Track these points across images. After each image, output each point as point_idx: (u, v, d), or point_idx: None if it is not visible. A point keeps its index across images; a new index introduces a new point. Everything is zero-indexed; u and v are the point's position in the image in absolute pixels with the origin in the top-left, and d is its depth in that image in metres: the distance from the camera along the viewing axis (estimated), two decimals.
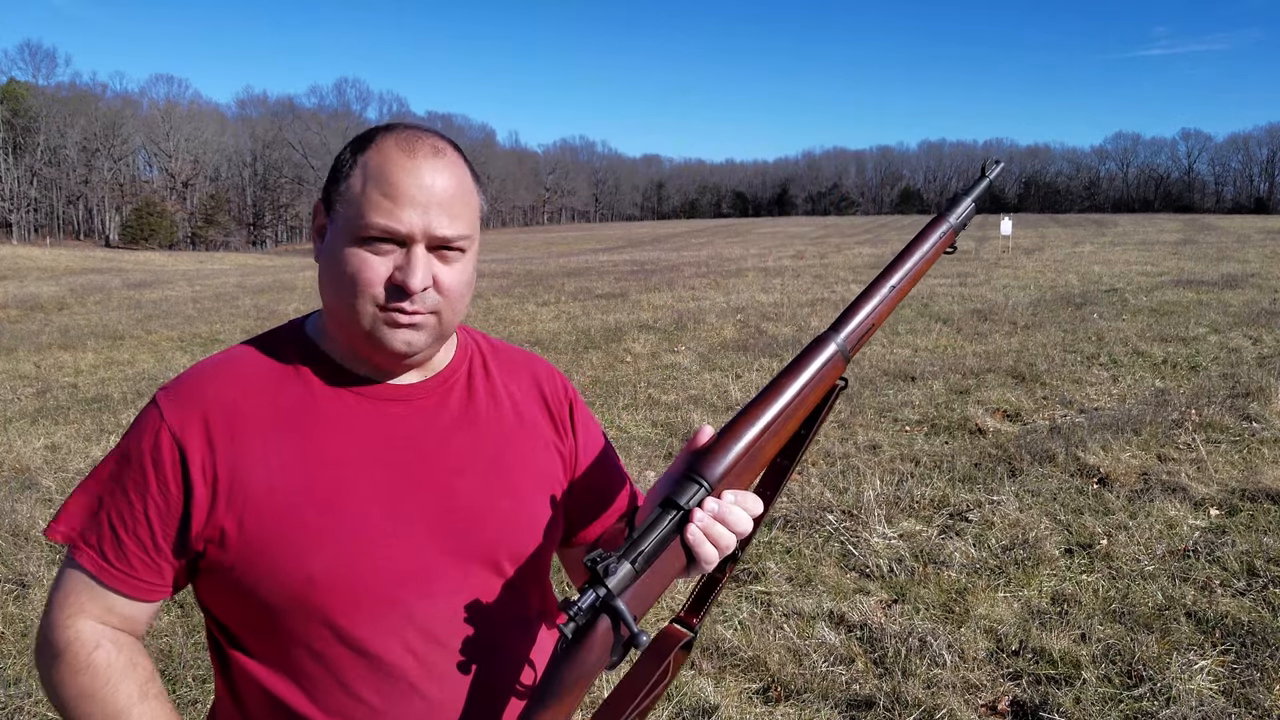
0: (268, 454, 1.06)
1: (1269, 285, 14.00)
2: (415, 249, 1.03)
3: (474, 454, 1.14)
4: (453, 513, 1.11)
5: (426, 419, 1.13)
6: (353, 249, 1.03)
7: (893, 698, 2.97)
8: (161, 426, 1.06)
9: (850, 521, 4.41)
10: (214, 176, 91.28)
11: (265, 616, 1.06)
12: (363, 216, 1.02)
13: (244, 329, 12.28)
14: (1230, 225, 43.04)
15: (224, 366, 1.11)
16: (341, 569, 1.05)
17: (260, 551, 1.04)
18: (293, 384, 1.10)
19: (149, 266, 30.77)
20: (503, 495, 1.15)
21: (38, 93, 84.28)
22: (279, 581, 1.04)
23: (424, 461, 1.11)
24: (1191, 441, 5.55)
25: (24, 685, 3.08)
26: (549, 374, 1.29)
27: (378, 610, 1.06)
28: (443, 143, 1.09)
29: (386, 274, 1.03)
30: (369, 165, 1.04)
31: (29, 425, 6.84)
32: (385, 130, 1.08)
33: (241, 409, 1.07)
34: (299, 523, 1.04)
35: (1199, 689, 2.95)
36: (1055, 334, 9.88)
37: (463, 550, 1.11)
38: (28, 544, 4.28)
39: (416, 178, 1.03)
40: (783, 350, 9.26)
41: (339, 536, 1.05)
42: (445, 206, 1.04)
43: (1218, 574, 3.81)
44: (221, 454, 1.05)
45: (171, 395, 1.09)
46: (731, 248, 34.07)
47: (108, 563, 1.06)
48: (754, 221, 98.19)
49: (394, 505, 1.08)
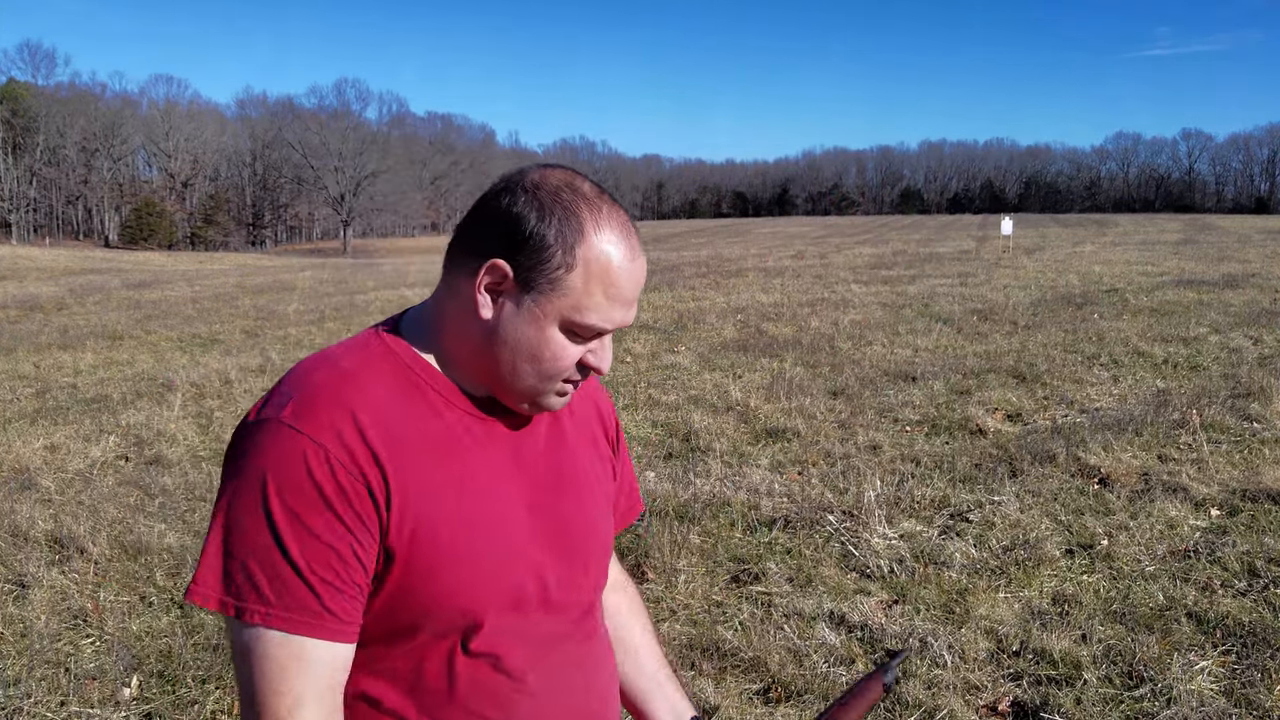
0: (421, 476, 1.03)
1: (1270, 285, 13.99)
2: (608, 337, 1.08)
3: (568, 473, 1.18)
4: (560, 533, 1.14)
5: (528, 439, 1.15)
6: (555, 333, 1.04)
7: (893, 698, 2.97)
8: (323, 452, 0.97)
9: (851, 522, 4.41)
10: (213, 176, 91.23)
11: (399, 633, 1.05)
12: (582, 314, 1.03)
13: (243, 329, 12.28)
14: (1231, 225, 43.05)
15: (351, 382, 1.03)
16: (491, 590, 1.06)
17: (421, 573, 1.02)
18: (421, 403, 1.07)
19: (148, 267, 30.77)
20: (592, 514, 1.20)
21: (37, 93, 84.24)
22: (431, 602, 1.03)
23: (531, 482, 1.13)
24: (1192, 442, 5.55)
25: (24, 686, 3.08)
26: (603, 394, 1.33)
27: (512, 629, 1.08)
28: (631, 218, 1.10)
29: (579, 356, 1.07)
30: (592, 262, 1.02)
31: (28, 425, 6.84)
32: (590, 207, 1.04)
33: (389, 428, 1.01)
34: (462, 549, 1.04)
35: (1200, 689, 2.95)
36: (1056, 334, 9.87)
37: (573, 569, 1.16)
38: (27, 544, 4.28)
39: (634, 281, 1.06)
40: (783, 350, 9.25)
41: (488, 559, 1.06)
42: (639, 295, 1.09)
43: (1218, 574, 3.80)
44: (391, 473, 1.00)
45: (312, 418, 0.98)
46: (732, 248, 34.07)
47: (340, 621, 0.98)
48: (754, 221, 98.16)
49: (525, 529, 1.10)
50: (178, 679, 3.16)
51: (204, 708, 3.00)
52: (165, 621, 3.59)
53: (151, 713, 2.99)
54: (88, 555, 4.16)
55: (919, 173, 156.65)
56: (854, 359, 8.80)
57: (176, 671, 3.19)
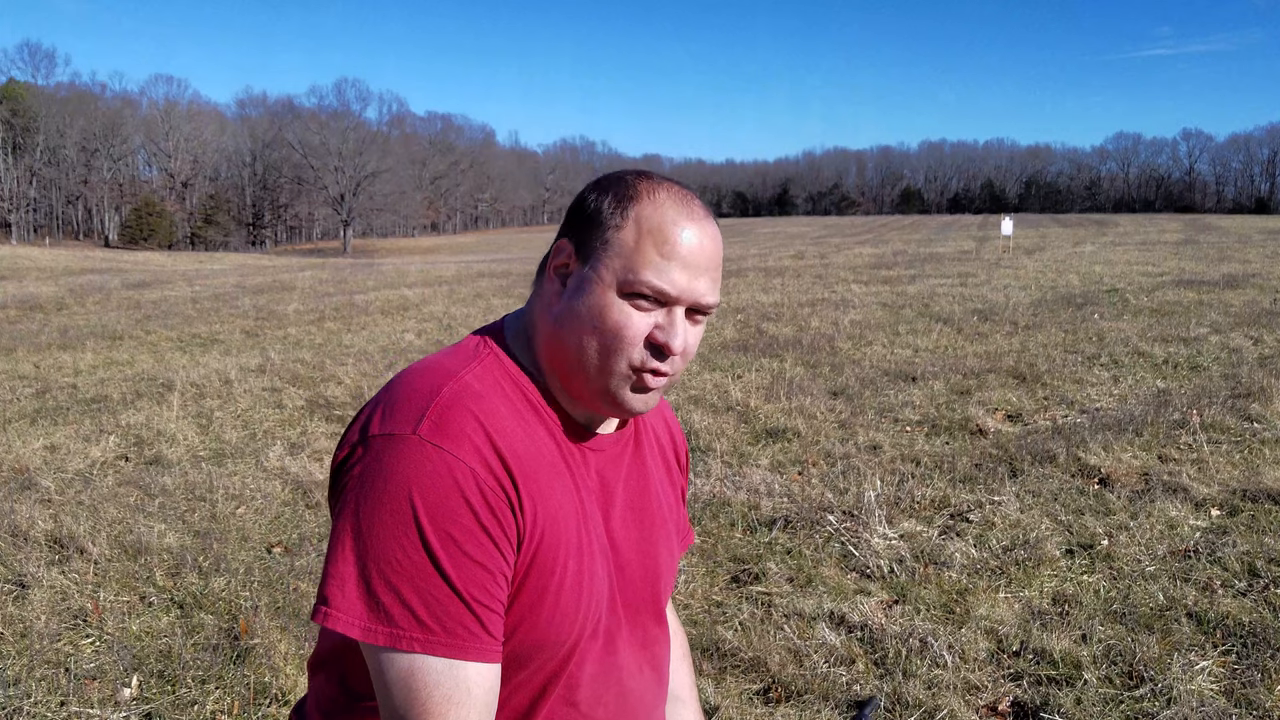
0: (547, 502, 1.01)
1: (1270, 285, 13.99)
2: (677, 311, 1.02)
3: (643, 505, 1.16)
4: (633, 565, 1.13)
5: (614, 471, 1.13)
6: (619, 301, 1.01)
7: (893, 698, 2.97)
8: (471, 471, 0.94)
9: (851, 522, 4.40)
10: (213, 176, 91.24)
11: (509, 667, 1.03)
12: (636, 271, 1.00)
13: (243, 329, 12.27)
14: (1231, 225, 43.04)
15: (480, 400, 1.01)
16: (588, 627, 1.05)
17: (536, 603, 1.00)
18: (539, 428, 1.05)
19: (148, 267, 30.76)
20: (661, 544, 1.19)
21: (37, 92, 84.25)
22: (541, 634, 1.02)
23: (613, 517, 1.12)
24: (1193, 442, 5.54)
25: (23, 686, 3.08)
26: (674, 418, 1.32)
27: (594, 665, 1.07)
28: (706, 204, 1.08)
29: (647, 331, 1.02)
30: (644, 219, 1.01)
31: (28, 425, 6.84)
32: (647, 180, 1.05)
33: (516, 450, 0.99)
34: (568, 578, 1.02)
35: (1200, 689, 2.95)
36: (1056, 334, 9.87)
37: (643, 601, 1.14)
38: (27, 544, 4.28)
39: (695, 240, 1.02)
40: (783, 350, 9.25)
41: (589, 595, 1.04)
42: (710, 272, 1.03)
43: (1219, 574, 3.80)
44: (525, 494, 0.98)
45: (452, 434, 0.96)
46: (732, 248, 34.06)
47: (497, 642, 0.97)
48: (754, 221, 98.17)
49: (606, 561, 1.09)
50: (178, 679, 3.16)
51: (204, 708, 3.00)
52: (165, 621, 3.59)
53: (151, 713, 2.99)
54: (87, 555, 4.16)
55: (919, 173, 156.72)
56: (854, 359, 8.80)
57: (176, 671, 3.19)
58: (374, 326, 12.43)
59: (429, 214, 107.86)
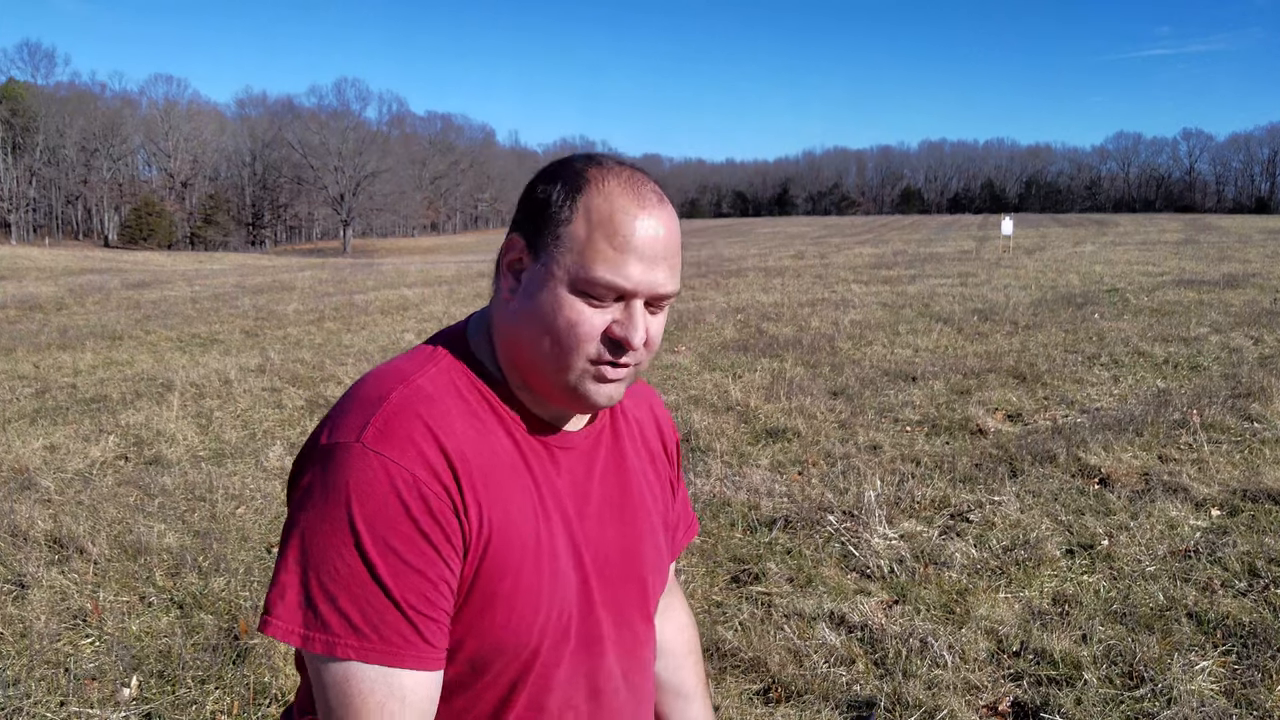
0: (498, 504, 0.99)
1: (1270, 285, 13.98)
2: (635, 304, 0.99)
3: (623, 502, 1.13)
4: (612, 564, 1.10)
5: (587, 467, 1.10)
6: (570, 298, 0.98)
7: (893, 699, 2.97)
8: (413, 478, 0.93)
9: (851, 522, 4.40)
10: (213, 176, 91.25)
11: (465, 673, 1.02)
12: (588, 267, 0.96)
13: (243, 329, 12.27)
14: (1231, 225, 43.04)
15: (429, 403, 0.99)
16: (551, 629, 1.03)
17: (488, 607, 0.99)
18: (497, 429, 1.03)
19: (148, 266, 30.77)
20: (646, 541, 1.15)
21: (36, 92, 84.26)
22: (496, 638, 1.00)
23: (588, 513, 1.09)
24: (1193, 442, 5.54)
25: (23, 686, 3.07)
26: (663, 410, 1.28)
27: (563, 669, 1.05)
28: (659, 187, 1.03)
29: (603, 326, 0.99)
30: (593, 211, 0.97)
31: (28, 425, 6.83)
32: (597, 167, 1.02)
33: (466, 453, 0.98)
34: (523, 581, 1.00)
35: (1200, 690, 2.94)
36: (1056, 334, 9.87)
37: (622, 601, 1.11)
38: (27, 544, 4.27)
39: (647, 231, 0.97)
40: (783, 350, 9.25)
41: (551, 596, 1.02)
42: (667, 260, 1.00)
43: (1219, 574, 3.80)
44: (470, 499, 0.96)
45: (396, 441, 0.95)
46: (732, 247, 34.07)
47: (435, 649, 0.96)
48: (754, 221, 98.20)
49: (578, 561, 1.06)
50: (177, 679, 3.16)
51: (203, 708, 3.00)
52: (165, 621, 3.59)
53: (151, 713, 2.99)
54: (87, 555, 4.16)
55: (919, 173, 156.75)
56: (854, 359, 8.80)
57: (176, 671, 3.19)
58: (374, 326, 12.43)
59: (429, 214, 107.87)
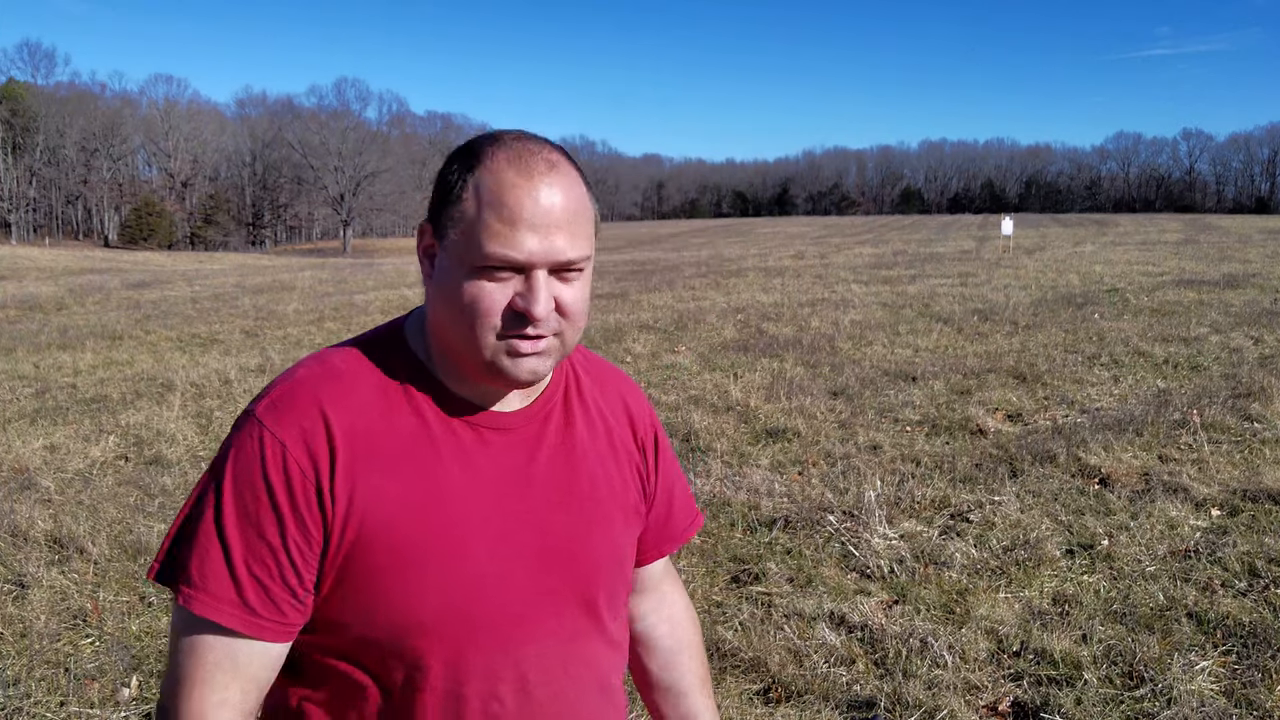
0: (384, 482, 0.99)
1: (1270, 285, 13.99)
2: (536, 274, 0.98)
3: (570, 487, 1.10)
4: (550, 551, 1.07)
5: (528, 450, 1.08)
6: (470, 278, 0.98)
7: (894, 699, 2.97)
8: (283, 450, 0.97)
9: (851, 522, 4.40)
10: (213, 176, 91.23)
11: (357, 650, 1.02)
12: (480, 246, 0.96)
13: (243, 329, 12.27)
14: (1231, 225, 43.03)
15: (334, 383, 1.03)
16: (446, 611, 1.01)
17: (367, 585, 0.99)
18: (404, 407, 1.04)
19: (148, 266, 30.77)
20: (597, 529, 1.12)
21: (37, 92, 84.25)
22: (382, 617, 1.00)
23: (524, 496, 1.07)
24: (1193, 442, 5.54)
25: (23, 686, 3.07)
26: (638, 399, 1.25)
27: (472, 654, 1.03)
28: (555, 154, 1.01)
29: (506, 301, 0.98)
30: (482, 187, 0.97)
31: (28, 425, 6.84)
32: (492, 143, 1.01)
33: (358, 430, 1.00)
34: (410, 559, 0.99)
35: (1200, 690, 2.94)
36: (1056, 334, 9.87)
37: (559, 589, 1.08)
38: (27, 544, 4.27)
39: (535, 201, 0.96)
40: (783, 350, 9.25)
41: (448, 577, 1.01)
42: (565, 228, 0.98)
43: (1219, 574, 3.80)
44: (341, 478, 0.98)
45: (283, 414, 0.99)
46: (732, 248, 34.07)
47: (255, 614, 0.97)
48: (754, 221, 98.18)
49: (499, 544, 1.04)
50: None
51: None
52: (165, 621, 3.58)
53: (151, 713, 2.99)
54: (87, 555, 4.16)
55: (919, 173, 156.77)
56: (854, 359, 8.80)
57: None
58: (373, 327, 12.43)
59: None
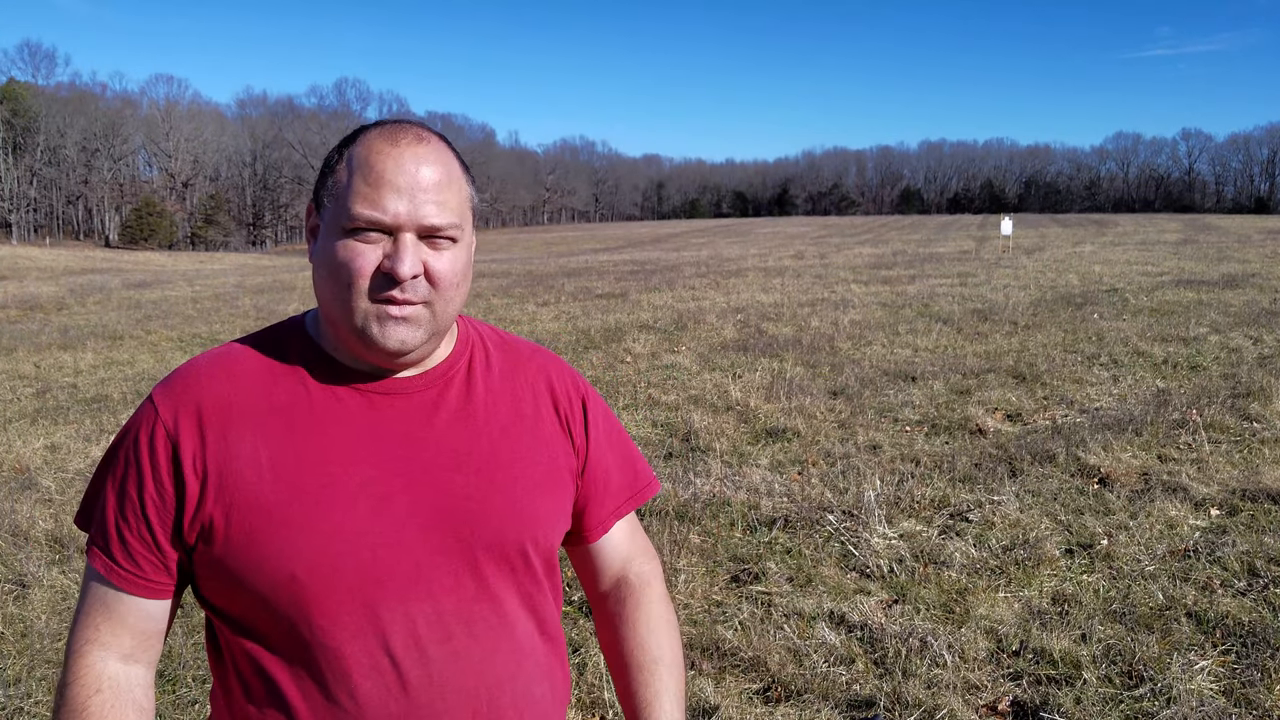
0: (257, 448, 1.05)
1: (1269, 285, 13.99)
2: (403, 237, 1.03)
3: (471, 450, 1.12)
4: (446, 511, 1.09)
5: (424, 414, 1.12)
6: (341, 241, 1.04)
7: (893, 698, 2.97)
8: (156, 421, 1.07)
9: (851, 522, 4.41)
10: (214, 176, 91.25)
11: (256, 610, 1.06)
12: (349, 208, 1.03)
13: (243, 329, 12.28)
14: (1231, 225, 43.05)
15: (218, 362, 1.12)
16: (324, 567, 1.04)
17: (245, 546, 1.04)
18: (288, 379, 1.10)
19: (148, 267, 30.77)
20: (500, 492, 1.13)
21: (37, 93, 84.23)
22: (264, 577, 1.04)
23: (418, 458, 1.10)
24: (1192, 441, 5.55)
25: (24, 686, 3.08)
26: (559, 369, 1.27)
27: (358, 611, 1.05)
28: (427, 132, 1.09)
29: (375, 263, 1.03)
30: (354, 157, 1.05)
31: (28, 425, 6.84)
32: (372, 125, 1.10)
33: (233, 402, 1.07)
34: (283, 519, 1.04)
35: (1199, 689, 2.95)
36: (1056, 334, 9.87)
37: (455, 549, 1.09)
38: (27, 544, 4.28)
39: (400, 165, 1.04)
40: (783, 350, 9.25)
41: (323, 534, 1.04)
42: (431, 194, 1.04)
43: (1218, 574, 3.80)
44: (212, 447, 1.05)
45: (165, 390, 1.10)
46: (731, 248, 34.06)
47: (116, 564, 1.07)
48: (754, 221, 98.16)
49: (384, 503, 1.07)
50: (178, 679, 3.16)
51: (204, 708, 3.00)
52: None
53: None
54: None
55: (919, 173, 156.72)
56: (854, 359, 8.80)
57: (176, 671, 3.19)
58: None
59: None
